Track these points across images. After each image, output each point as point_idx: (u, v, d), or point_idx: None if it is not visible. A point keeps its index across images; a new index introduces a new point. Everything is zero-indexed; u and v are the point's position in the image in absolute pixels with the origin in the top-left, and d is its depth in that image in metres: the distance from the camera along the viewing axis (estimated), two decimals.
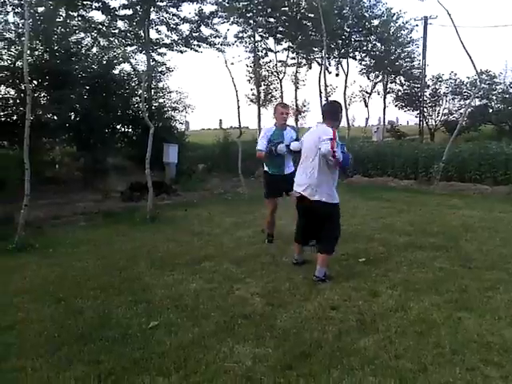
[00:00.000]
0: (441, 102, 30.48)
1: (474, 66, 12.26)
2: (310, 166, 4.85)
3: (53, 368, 3.13)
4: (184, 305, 4.20)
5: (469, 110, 24.85)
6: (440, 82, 30.17)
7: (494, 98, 29.31)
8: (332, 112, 4.97)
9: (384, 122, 35.33)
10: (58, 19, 14.73)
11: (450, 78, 29.99)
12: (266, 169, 6.48)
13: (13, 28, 12.81)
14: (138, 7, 20.39)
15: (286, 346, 3.35)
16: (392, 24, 28.74)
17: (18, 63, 11.36)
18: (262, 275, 5.04)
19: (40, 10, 13.82)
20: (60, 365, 3.17)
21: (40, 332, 3.68)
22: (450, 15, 11.56)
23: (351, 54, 30.28)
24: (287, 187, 6.07)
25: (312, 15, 24.44)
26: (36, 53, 12.41)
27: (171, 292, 4.55)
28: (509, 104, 27.73)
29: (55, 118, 12.52)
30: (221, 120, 46.37)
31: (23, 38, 8.70)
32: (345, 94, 30.34)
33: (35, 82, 12.18)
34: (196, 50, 23.45)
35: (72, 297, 4.45)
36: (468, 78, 29.00)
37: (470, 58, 11.75)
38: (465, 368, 3.02)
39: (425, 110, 28.95)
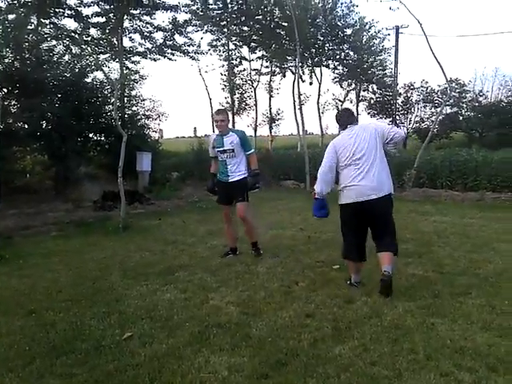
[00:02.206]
0: (412, 110, 31.01)
1: (445, 74, 12.52)
2: (370, 164, 4.64)
3: (24, 383, 3.05)
4: (158, 315, 4.15)
5: (440, 117, 25.33)
6: (412, 90, 30.71)
7: (464, 105, 29.98)
8: (351, 115, 5.10)
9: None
10: (29, 26, 14.51)
11: (422, 86, 30.55)
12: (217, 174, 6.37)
13: None
14: (111, 15, 20.23)
15: (262, 355, 3.33)
16: (364, 33, 29.07)
17: None
18: (236, 284, 5.02)
19: (10, 17, 13.61)
20: (31, 379, 3.09)
21: (10, 345, 3.59)
22: (420, 25, 11.78)
23: (324, 63, 30.50)
24: (233, 195, 6.12)
25: (286, 24, 24.55)
26: (6, 60, 12.22)
27: (145, 302, 4.49)
28: (478, 112, 28.34)
29: (26, 126, 12.33)
30: (195, 128, 46.18)
31: None
32: (318, 102, 30.54)
33: (5, 89, 11.99)
34: (170, 59, 23.39)
35: (43, 309, 4.36)
36: (439, 86, 29.62)
37: (441, 66, 11.98)
38: (439, 373, 3.04)
39: (397, 117, 29.34)
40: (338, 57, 30.15)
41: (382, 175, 4.67)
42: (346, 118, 5.00)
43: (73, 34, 19.43)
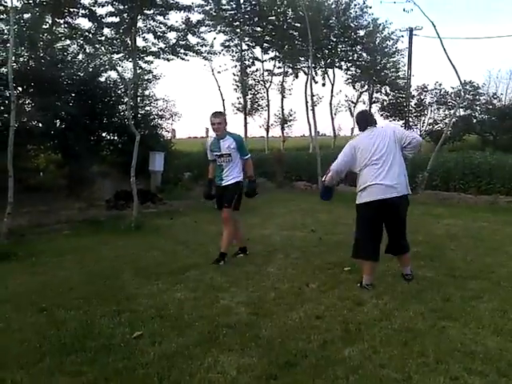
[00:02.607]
0: (426, 112, 30.93)
1: (459, 76, 12.44)
2: (390, 164, 4.79)
3: (34, 380, 3.07)
4: (168, 314, 4.16)
5: (453, 120, 25.18)
6: (425, 92, 30.63)
7: (478, 108, 29.80)
8: (371, 117, 5.29)
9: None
10: (43, 26, 14.64)
11: (435, 89, 30.46)
12: None
13: None
14: (124, 15, 20.38)
15: (271, 356, 3.33)
16: (378, 34, 28.98)
17: (3, 69, 11.27)
18: (247, 284, 5.02)
19: (26, 16, 13.73)
20: (41, 376, 3.11)
21: (21, 342, 3.62)
22: (434, 26, 11.71)
23: (337, 64, 30.47)
24: (222, 199, 6.07)
25: (298, 25, 24.60)
26: (21, 59, 12.32)
27: (155, 301, 4.51)
28: (492, 114, 28.14)
29: (40, 125, 12.41)
30: (207, 128, 46.23)
31: (8, 45, 8.63)
32: (331, 103, 30.53)
33: (20, 88, 12.07)
34: (183, 59, 23.54)
35: (55, 306, 4.39)
36: (452, 88, 29.49)
37: (455, 68, 11.91)
38: (449, 377, 3.02)
39: (410, 119, 29.25)
40: (350, 58, 30.12)
41: (401, 176, 4.85)
42: (365, 120, 5.14)
43: (87, 34, 19.59)
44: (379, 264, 5.01)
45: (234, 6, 25.01)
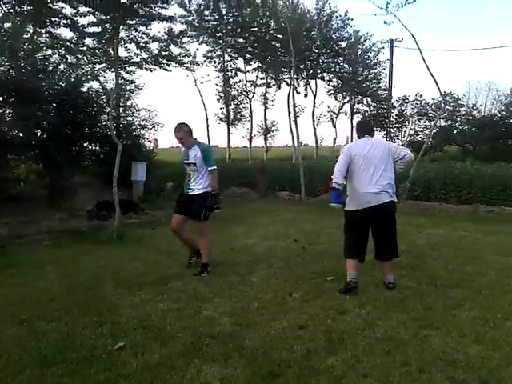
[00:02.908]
0: (407, 123, 31.27)
1: (439, 88, 12.59)
2: (380, 173, 5.04)
3: None
4: (151, 325, 4.13)
5: (434, 130, 25.51)
6: (406, 103, 31.02)
7: (458, 119, 30.24)
8: (372, 127, 5.55)
9: (351, 141, 35.78)
10: (24, 35, 14.54)
11: (416, 100, 30.89)
12: None
13: None
14: (107, 25, 20.36)
15: (255, 366, 3.32)
16: (359, 46, 29.35)
17: None
18: (230, 295, 5.00)
19: (6, 25, 13.63)
20: None
21: (0, 355, 3.55)
22: (414, 38, 11.85)
23: (319, 75, 30.76)
24: (188, 210, 5.99)
25: (281, 36, 24.78)
26: (1, 69, 12.22)
27: (138, 312, 4.47)
28: (472, 125, 28.58)
29: (21, 134, 12.29)
30: None
31: None
32: (313, 114, 30.77)
33: (0, 98, 11.97)
34: (165, 69, 23.54)
35: (35, 318, 4.32)
36: (433, 99, 29.95)
37: (435, 80, 12.06)
38: None
39: (391, 130, 29.54)
40: (332, 69, 30.46)
41: (390, 185, 5.13)
42: (367, 128, 5.45)
43: (68, 44, 19.51)
44: (362, 274, 5.05)
45: (217, 17, 25.14)
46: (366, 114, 32.81)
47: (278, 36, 25.48)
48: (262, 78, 30.12)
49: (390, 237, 5.24)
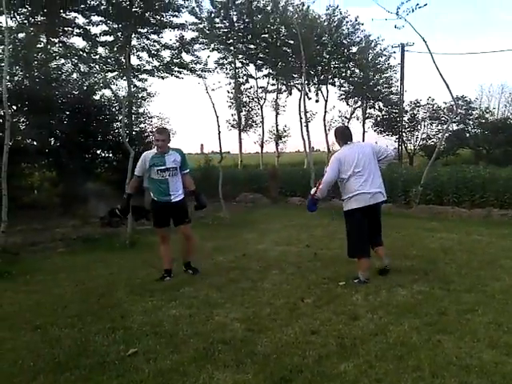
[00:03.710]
0: (419, 127, 31.09)
1: (450, 91, 12.51)
2: (373, 174, 5.60)
3: None
4: (163, 331, 4.15)
5: (446, 134, 25.36)
6: (418, 107, 30.80)
7: (471, 122, 30.00)
8: (351, 133, 5.96)
9: None
10: (38, 45, 14.73)
11: (428, 104, 30.65)
12: (152, 195, 6.23)
13: None
14: (118, 34, 20.55)
15: (267, 372, 3.32)
16: (370, 51, 29.28)
17: None
18: (242, 300, 5.01)
19: (20, 36, 13.83)
20: None
21: (15, 361, 3.59)
22: (425, 42, 11.80)
23: (330, 81, 30.68)
24: (177, 216, 6.04)
25: (292, 42, 24.81)
26: (16, 78, 12.38)
27: (150, 318, 4.49)
28: (485, 129, 28.36)
29: (35, 143, 12.45)
30: (202, 145, 46.41)
31: (3, 64, 8.70)
32: (324, 119, 30.66)
33: (14, 107, 12.12)
34: (177, 76, 23.64)
35: (49, 324, 4.37)
36: (445, 103, 29.69)
37: (446, 83, 11.99)
38: None
39: (403, 134, 29.41)
40: (343, 74, 30.36)
41: (382, 183, 5.73)
42: (348, 135, 5.86)
43: (81, 53, 19.71)
44: (374, 278, 5.04)
45: (228, 24, 25.22)
46: (378, 118, 32.69)
47: (289, 42, 25.52)
48: (273, 84, 30.14)
49: (380, 225, 5.91)
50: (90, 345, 3.88)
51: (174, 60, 22.93)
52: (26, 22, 17.55)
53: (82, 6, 18.83)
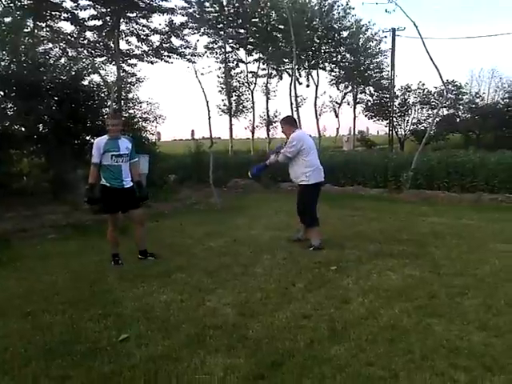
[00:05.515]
0: (409, 112, 31.15)
1: (441, 76, 12.54)
2: (316, 157, 6.78)
3: None
4: (154, 317, 4.15)
5: (437, 119, 25.42)
6: (408, 92, 30.84)
7: (461, 107, 30.10)
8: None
9: (354, 131, 35.82)
10: (25, 30, 14.50)
11: (418, 88, 30.70)
12: (103, 181, 6.06)
13: None
14: (107, 18, 20.27)
15: (258, 356, 3.33)
16: (361, 35, 29.22)
17: None
18: (233, 285, 5.02)
19: (7, 20, 13.60)
20: (26, 382, 3.09)
21: (6, 348, 3.58)
22: (416, 27, 11.83)
23: (321, 65, 30.62)
24: (129, 201, 6.08)
25: (282, 27, 24.67)
26: (2, 63, 12.20)
27: (142, 304, 4.49)
28: (475, 113, 28.48)
29: (23, 129, 12.30)
30: (193, 130, 46.39)
31: None
32: (315, 104, 30.67)
33: (1, 92, 11.96)
34: (166, 61, 23.41)
35: (40, 311, 4.35)
36: (435, 88, 29.73)
37: (437, 68, 12.02)
38: (434, 373, 3.05)
39: (394, 119, 29.44)
40: (334, 59, 30.31)
41: None
42: (296, 121, 7.34)
43: (69, 37, 19.45)
44: (365, 263, 5.06)
45: (217, 8, 24.98)
46: (369, 103, 32.71)
47: (280, 27, 25.35)
48: (263, 69, 30.00)
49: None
50: (81, 331, 3.88)
51: (164, 44, 22.69)
52: (12, 5, 17.24)
53: None
